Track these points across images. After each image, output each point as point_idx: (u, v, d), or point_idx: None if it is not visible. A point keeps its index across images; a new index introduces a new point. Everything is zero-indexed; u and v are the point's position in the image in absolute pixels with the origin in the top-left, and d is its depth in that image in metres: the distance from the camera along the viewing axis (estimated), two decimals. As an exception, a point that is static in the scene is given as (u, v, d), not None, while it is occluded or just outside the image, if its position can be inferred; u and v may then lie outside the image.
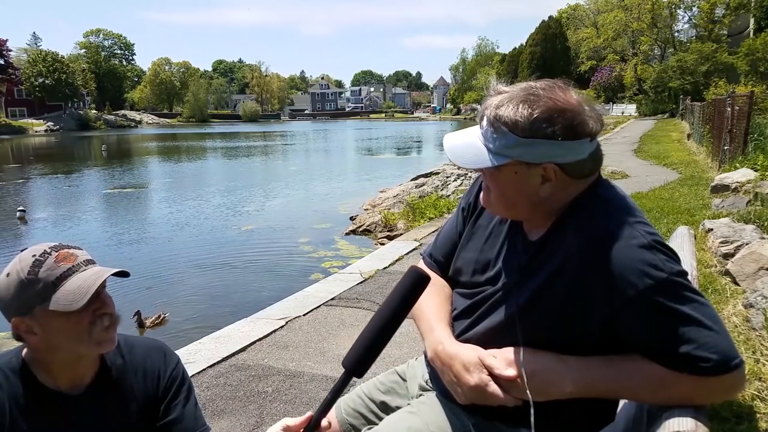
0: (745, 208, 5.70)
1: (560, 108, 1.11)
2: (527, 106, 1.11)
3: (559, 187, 1.15)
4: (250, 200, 13.74)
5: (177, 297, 6.45)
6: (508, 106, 1.13)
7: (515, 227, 1.27)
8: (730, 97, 10.44)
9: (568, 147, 1.12)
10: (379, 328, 1.04)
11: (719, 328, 1.03)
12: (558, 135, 1.10)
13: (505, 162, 1.14)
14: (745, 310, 3.04)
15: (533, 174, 1.14)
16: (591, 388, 1.09)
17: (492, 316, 1.22)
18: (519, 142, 1.11)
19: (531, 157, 1.13)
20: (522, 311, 1.16)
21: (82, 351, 1.18)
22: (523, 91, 1.14)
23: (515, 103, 1.12)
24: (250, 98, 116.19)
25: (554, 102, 1.11)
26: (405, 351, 3.30)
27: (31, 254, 1.15)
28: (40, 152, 35.70)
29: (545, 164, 1.13)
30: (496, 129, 1.13)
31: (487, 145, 1.15)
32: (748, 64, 26.28)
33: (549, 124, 1.10)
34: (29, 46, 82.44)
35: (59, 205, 13.65)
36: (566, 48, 53.60)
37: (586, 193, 1.18)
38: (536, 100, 1.12)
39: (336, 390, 1.03)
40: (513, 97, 1.14)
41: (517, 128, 1.11)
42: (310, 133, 56.41)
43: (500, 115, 1.12)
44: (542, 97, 1.12)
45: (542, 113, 1.10)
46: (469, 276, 1.33)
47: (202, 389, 2.99)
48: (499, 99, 1.15)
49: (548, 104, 1.11)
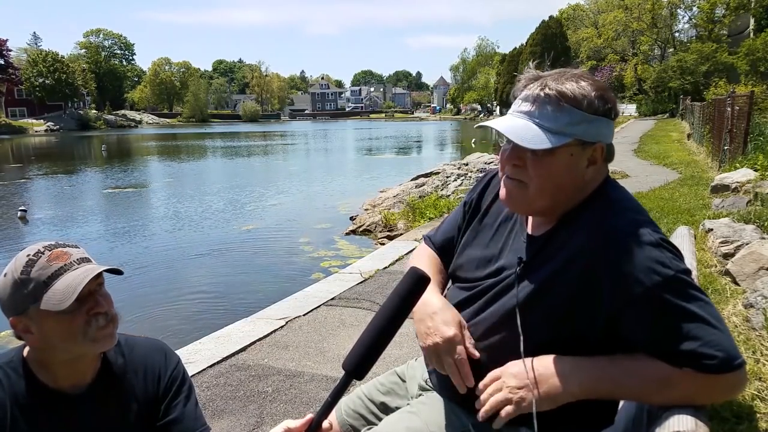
0: (745, 208, 5.70)
1: (607, 87, 1.12)
2: (588, 82, 1.10)
3: (597, 170, 1.15)
4: (250, 200, 13.73)
5: (177, 297, 6.45)
6: (569, 82, 1.10)
7: (520, 224, 1.27)
8: (730, 97, 10.44)
9: (611, 127, 1.13)
10: (379, 330, 1.03)
11: (723, 327, 1.03)
12: (610, 113, 1.11)
13: (566, 141, 1.10)
14: (745, 310, 3.04)
15: (585, 155, 1.13)
16: (597, 388, 1.08)
17: (492, 308, 1.21)
18: (584, 119, 1.09)
19: (591, 135, 1.11)
20: (522, 305, 1.15)
21: (78, 350, 1.17)
22: (568, 72, 1.13)
23: (575, 80, 1.10)
24: (250, 98, 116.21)
25: (600, 82, 1.12)
26: (405, 351, 3.30)
27: (26, 254, 1.15)
28: (41, 152, 35.69)
29: (597, 144, 1.12)
30: (557, 106, 1.09)
31: (544, 125, 1.10)
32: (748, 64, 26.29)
33: (606, 101, 1.11)
34: (29, 46, 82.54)
35: (60, 205, 13.65)
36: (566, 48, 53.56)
37: (595, 191, 1.17)
38: (588, 77, 1.11)
39: (336, 392, 1.02)
40: (564, 75, 1.11)
41: (583, 104, 1.09)
42: (310, 133, 56.40)
43: (563, 91, 1.09)
44: (589, 76, 1.12)
45: (600, 90, 1.10)
46: (471, 271, 1.32)
47: (202, 389, 2.98)
48: (550, 78, 1.12)
49: (598, 83, 1.11)
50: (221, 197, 14.27)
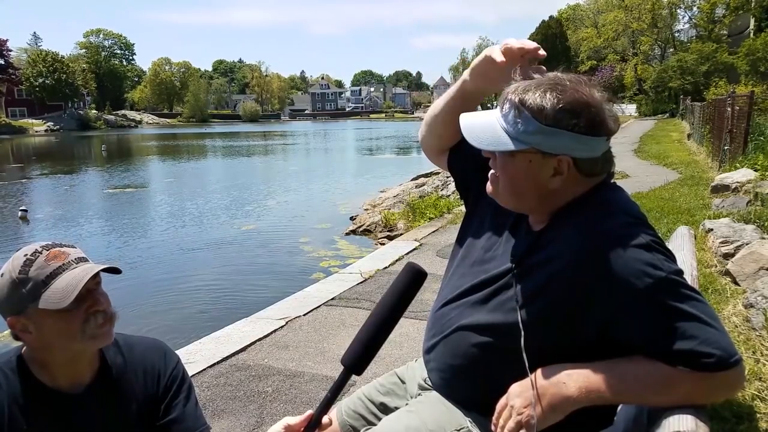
0: (745, 208, 5.70)
1: (585, 102, 1.11)
2: (554, 94, 1.10)
3: (569, 182, 1.15)
4: (250, 200, 13.74)
5: (177, 297, 6.45)
6: (534, 91, 1.11)
7: (521, 217, 1.28)
8: (731, 97, 10.45)
9: (585, 142, 1.12)
10: (377, 325, 1.04)
11: (718, 325, 1.04)
12: (579, 128, 1.10)
13: (523, 148, 1.12)
14: (745, 310, 3.04)
15: (546, 165, 1.14)
16: (597, 393, 1.08)
17: (492, 302, 1.22)
18: (540, 130, 1.10)
19: (549, 146, 1.12)
20: (521, 301, 1.15)
21: (76, 348, 1.17)
22: (551, 80, 1.14)
23: (542, 90, 1.11)
24: (250, 98, 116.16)
25: (580, 95, 1.11)
26: (405, 351, 3.30)
27: (23, 254, 1.15)
28: (41, 152, 35.70)
29: (561, 156, 1.13)
30: (519, 113, 1.12)
31: (507, 129, 1.14)
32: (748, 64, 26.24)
33: (573, 116, 1.10)
34: (29, 46, 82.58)
35: (60, 205, 13.66)
36: (566, 48, 53.52)
37: (588, 193, 1.17)
38: (563, 90, 1.11)
39: (336, 388, 1.03)
40: (540, 84, 1.13)
41: (541, 115, 1.10)
42: (310, 133, 56.39)
43: (525, 100, 1.11)
44: (569, 88, 1.12)
45: (567, 104, 1.10)
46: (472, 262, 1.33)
47: (202, 389, 2.98)
48: (526, 84, 1.14)
49: (574, 96, 1.11)
50: (221, 197, 14.28)
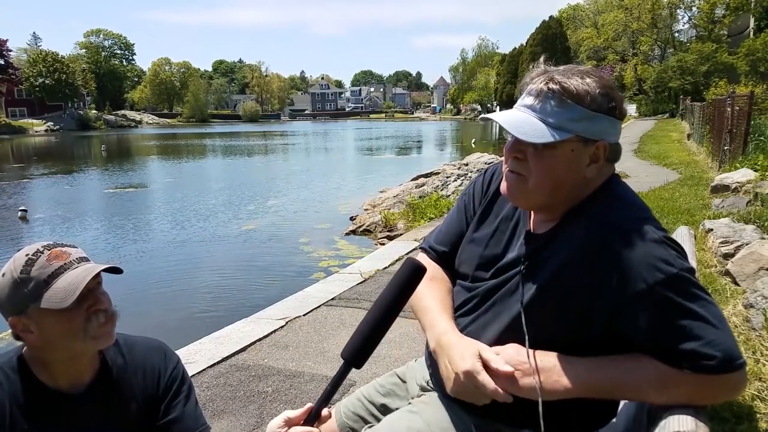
0: (745, 208, 5.70)
1: (612, 85, 1.11)
2: (593, 78, 1.09)
3: (598, 170, 1.14)
4: (250, 200, 13.73)
5: (177, 296, 6.45)
6: (574, 78, 1.09)
7: (523, 222, 1.25)
8: (730, 97, 10.45)
9: (615, 125, 1.12)
10: (376, 319, 1.04)
11: (724, 328, 1.02)
12: (613, 112, 1.10)
13: (567, 137, 1.09)
14: (745, 311, 3.03)
15: (586, 152, 1.12)
16: (596, 387, 1.08)
17: (494, 308, 1.21)
18: (585, 115, 1.09)
19: (592, 132, 1.10)
20: (527, 305, 1.14)
21: (78, 348, 1.17)
22: (576, 68, 1.12)
23: (581, 76, 1.09)
24: (250, 98, 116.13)
25: (606, 79, 1.11)
26: (405, 351, 3.30)
27: (25, 253, 1.15)
28: (41, 152, 35.68)
29: (599, 142, 1.11)
30: (560, 101, 1.09)
31: (546, 120, 1.10)
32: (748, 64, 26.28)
33: (609, 99, 1.10)
34: (29, 46, 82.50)
35: (60, 205, 13.64)
36: (566, 48, 53.53)
37: (600, 188, 1.17)
38: (595, 74, 1.10)
39: (335, 381, 1.03)
40: (572, 71, 1.11)
41: (585, 100, 1.08)
42: (310, 133, 56.39)
43: (567, 86, 1.09)
44: (597, 73, 1.11)
45: (603, 88, 1.09)
46: (473, 270, 1.30)
47: (202, 389, 2.98)
48: (556, 73, 1.11)
49: (605, 80, 1.11)
50: (221, 197, 14.27)
